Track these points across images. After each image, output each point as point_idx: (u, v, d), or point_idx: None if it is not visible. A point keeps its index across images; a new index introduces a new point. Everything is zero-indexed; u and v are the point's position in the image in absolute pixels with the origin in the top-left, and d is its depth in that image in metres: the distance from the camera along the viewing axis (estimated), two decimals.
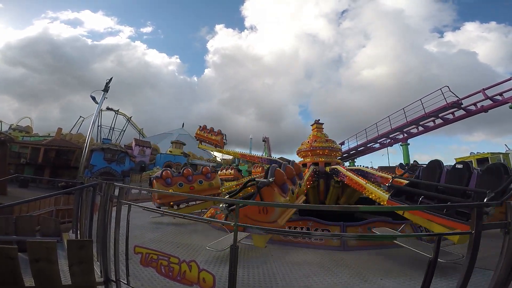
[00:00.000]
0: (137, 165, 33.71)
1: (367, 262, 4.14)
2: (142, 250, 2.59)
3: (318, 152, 9.36)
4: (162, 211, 3.88)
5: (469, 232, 2.12)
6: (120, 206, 3.06)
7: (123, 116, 45.70)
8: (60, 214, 8.24)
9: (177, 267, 2.35)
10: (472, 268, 2.03)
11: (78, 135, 36.30)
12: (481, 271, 3.12)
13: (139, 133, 46.90)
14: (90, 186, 4.21)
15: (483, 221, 2.08)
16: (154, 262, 2.47)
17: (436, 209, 3.95)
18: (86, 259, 2.33)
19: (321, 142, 9.50)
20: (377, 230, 5.31)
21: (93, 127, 21.85)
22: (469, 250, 2.06)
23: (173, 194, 6.91)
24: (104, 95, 20.03)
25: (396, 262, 4.08)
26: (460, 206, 3.59)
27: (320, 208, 3.17)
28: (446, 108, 15.72)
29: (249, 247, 4.80)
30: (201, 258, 4.18)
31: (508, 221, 2.03)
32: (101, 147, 31.07)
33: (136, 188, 12.54)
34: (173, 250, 4.54)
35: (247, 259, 4.22)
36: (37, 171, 29.14)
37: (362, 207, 5.47)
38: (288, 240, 5.41)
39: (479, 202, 3.13)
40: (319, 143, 9.46)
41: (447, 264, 3.61)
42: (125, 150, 33.30)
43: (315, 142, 9.56)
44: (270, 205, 3.86)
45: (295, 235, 5.41)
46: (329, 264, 4.05)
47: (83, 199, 4.88)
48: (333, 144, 9.74)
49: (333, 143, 9.80)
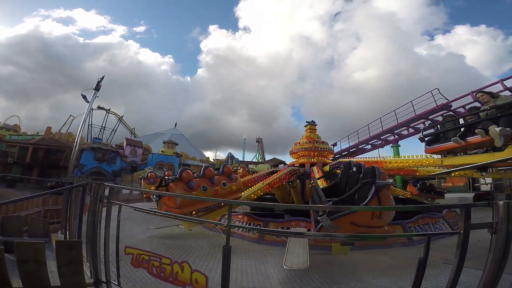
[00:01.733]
0: (128, 165, 33.17)
1: (359, 261, 4.19)
2: (133, 251, 2.54)
3: (311, 153, 9.45)
4: (153, 211, 3.82)
5: (457, 232, 2.17)
6: (110, 207, 3.01)
7: (114, 115, 44.96)
8: (49, 215, 8.03)
9: (169, 268, 2.32)
10: (461, 267, 2.07)
11: (68, 134, 35.48)
12: (470, 271, 3.19)
13: (131, 132, 46.17)
14: (80, 186, 4.13)
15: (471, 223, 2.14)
16: (145, 263, 2.43)
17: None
18: (76, 260, 2.28)
19: (314, 143, 9.60)
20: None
21: (84, 126, 21.43)
22: (457, 249, 2.11)
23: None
24: (95, 94, 19.68)
25: (387, 262, 4.14)
26: (448, 207, 3.67)
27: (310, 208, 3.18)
28: (436, 110, 16.05)
29: (243, 247, 4.79)
30: (193, 259, 4.15)
31: (495, 221, 2.08)
32: (91, 146, 30.46)
33: (128, 188, 12.33)
34: (164, 251, 4.50)
35: (240, 260, 4.21)
36: (25, 170, 28.36)
37: (354, 207, 5.52)
38: (281, 240, 5.42)
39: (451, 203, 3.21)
40: (312, 144, 9.55)
41: (438, 263, 3.68)
42: (116, 149, 32.72)
43: (308, 143, 9.65)
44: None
45: (288, 236, 5.43)
46: (322, 264, 4.08)
47: (72, 199, 4.77)
48: (325, 145, 9.85)
49: (325, 144, 9.91)
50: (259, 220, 6.48)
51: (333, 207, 3.57)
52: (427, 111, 16.40)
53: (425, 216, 6.54)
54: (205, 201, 5.62)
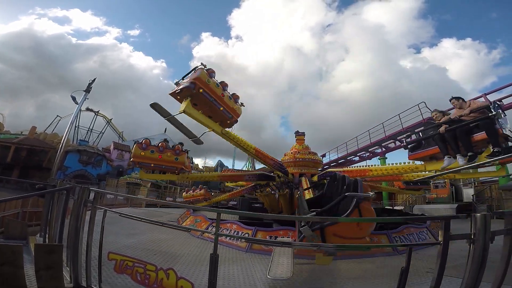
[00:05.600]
0: (115, 169, 32.37)
1: (345, 271, 4.22)
2: (116, 257, 2.49)
3: (300, 163, 9.55)
4: (139, 218, 3.76)
5: (438, 242, 2.25)
6: (95, 211, 2.95)
7: (103, 117, 44.00)
8: (27, 217, 7.70)
9: (153, 275, 2.28)
10: (442, 275, 2.14)
11: (53, 135, 34.35)
12: (452, 279, 3.26)
13: (119, 136, 45.18)
14: (64, 190, 4.01)
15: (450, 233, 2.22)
16: (129, 269, 2.38)
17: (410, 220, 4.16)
18: (55, 264, 2.21)
19: (303, 154, 9.70)
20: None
21: (71, 128, 20.85)
22: (438, 259, 2.19)
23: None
24: (85, 96, 19.24)
25: (372, 271, 4.19)
26: (430, 218, 3.79)
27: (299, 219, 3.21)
28: (422, 124, 16.58)
29: (230, 256, 4.74)
30: (179, 266, 4.06)
31: (473, 232, 2.17)
32: (77, 148, 29.64)
33: (114, 194, 12.01)
34: (149, 257, 4.38)
35: (227, 268, 4.16)
36: (4, 170, 27.16)
37: (341, 219, 5.60)
38: (269, 249, 5.39)
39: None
40: (302, 155, 9.65)
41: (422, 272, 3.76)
42: (102, 153, 31.95)
43: (298, 154, 9.75)
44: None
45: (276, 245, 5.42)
46: (309, 273, 4.09)
47: (54, 202, 4.62)
48: (314, 156, 9.99)
49: (315, 155, 10.04)
50: (247, 229, 6.43)
51: (315, 218, 3.68)
52: (413, 125, 16.89)
53: (410, 226, 6.69)
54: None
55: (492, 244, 2.10)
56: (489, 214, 2.17)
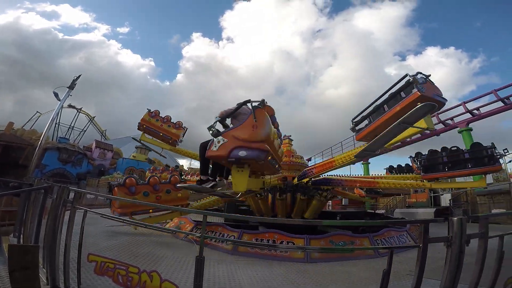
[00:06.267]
0: (96, 169, 31.21)
1: (329, 274, 4.28)
2: (97, 259, 2.41)
3: (287, 167, 9.62)
4: (122, 219, 3.66)
5: (417, 245, 2.33)
6: (74, 212, 2.85)
7: (85, 115, 42.49)
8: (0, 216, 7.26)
9: (136, 277, 2.22)
10: (421, 277, 2.22)
11: (32, 132, 32.66)
12: (431, 281, 3.37)
13: (102, 134, 43.70)
14: (42, 189, 3.84)
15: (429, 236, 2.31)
16: (110, 271, 2.30)
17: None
18: (31, 265, 2.11)
19: (287, 158, 9.77)
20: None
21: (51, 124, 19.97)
22: (417, 261, 2.26)
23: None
24: (68, 92, 18.53)
25: (354, 274, 4.27)
26: (410, 222, 3.93)
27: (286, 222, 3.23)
28: None
29: (216, 258, 4.69)
30: (162, 268, 3.97)
31: (450, 236, 2.27)
32: (56, 146, 28.35)
33: (95, 194, 11.62)
34: (131, 259, 4.26)
35: (212, 270, 4.11)
36: None
37: (325, 222, 5.70)
38: (255, 252, 5.39)
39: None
40: (288, 159, 9.73)
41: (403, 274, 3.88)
42: (83, 151, 30.74)
43: (284, 157, 9.82)
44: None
45: (262, 247, 5.43)
46: (294, 276, 4.11)
47: (30, 202, 4.40)
48: (301, 160, 10.12)
49: (300, 159, 10.18)
50: (233, 231, 6.39)
51: (300, 221, 3.69)
52: None
53: (391, 230, 6.89)
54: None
55: (468, 246, 2.19)
56: (465, 218, 2.27)
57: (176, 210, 7.72)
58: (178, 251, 5.15)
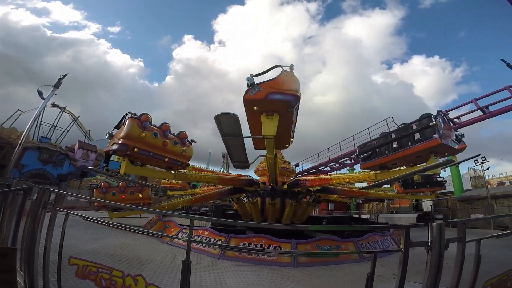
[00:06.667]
0: (78, 170, 30.14)
1: (316, 278, 4.32)
2: (78, 262, 2.33)
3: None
4: (105, 222, 3.56)
5: (399, 249, 2.41)
6: (55, 214, 2.75)
7: (69, 114, 41.10)
8: None
9: (120, 281, 2.16)
10: (404, 280, 2.28)
11: (11, 130, 31.16)
12: (413, 285, 3.46)
13: (86, 135, 42.37)
14: (21, 190, 3.68)
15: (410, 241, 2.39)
16: (92, 275, 2.23)
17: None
18: (9, 268, 2.02)
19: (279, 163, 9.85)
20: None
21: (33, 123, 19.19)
22: (400, 265, 2.33)
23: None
24: (53, 91, 17.91)
25: (340, 278, 4.33)
26: (393, 227, 4.05)
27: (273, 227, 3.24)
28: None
29: (203, 262, 4.63)
30: (147, 272, 3.88)
31: (430, 240, 2.35)
32: (37, 145, 27.23)
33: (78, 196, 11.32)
34: (114, 263, 4.14)
35: (199, 275, 4.05)
36: None
37: (311, 227, 5.76)
38: (242, 256, 5.36)
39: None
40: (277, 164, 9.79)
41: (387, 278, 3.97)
42: (65, 151, 29.67)
43: None
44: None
45: (249, 252, 5.41)
46: (281, 280, 4.12)
47: (7, 203, 4.20)
48: (289, 165, 10.21)
49: (288, 164, 10.27)
50: (220, 236, 6.33)
51: (285, 226, 3.75)
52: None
53: (375, 234, 7.05)
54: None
55: (448, 251, 2.28)
56: (444, 224, 2.37)
57: (144, 211, 7.87)
58: (162, 255, 5.05)
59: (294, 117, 4.60)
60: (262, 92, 3.97)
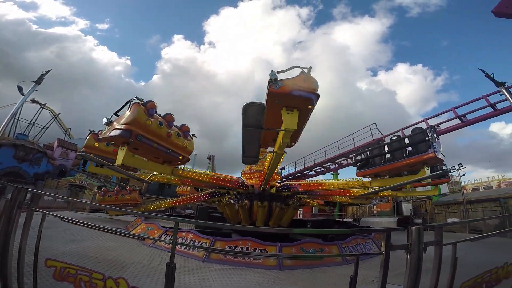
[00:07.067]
0: (56, 169, 28.84)
1: (301, 281, 4.36)
2: (56, 264, 2.24)
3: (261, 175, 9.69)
4: (86, 224, 3.42)
5: (381, 252, 2.48)
6: (31, 214, 2.63)
7: (49, 111, 39.38)
8: None
9: (101, 283, 2.09)
10: (385, 282, 2.35)
11: None
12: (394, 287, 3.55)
13: (66, 133, 40.67)
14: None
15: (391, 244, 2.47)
16: (71, 277, 2.15)
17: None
18: None
19: (261, 166, 9.86)
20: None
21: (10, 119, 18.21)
22: (381, 267, 2.40)
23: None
24: (34, 87, 17.11)
25: (324, 280, 4.40)
26: (374, 230, 4.20)
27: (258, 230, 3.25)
28: (371, 144, 18.16)
29: (187, 265, 4.55)
30: (128, 275, 3.76)
31: (409, 243, 2.44)
32: (12, 142, 25.84)
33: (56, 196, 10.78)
34: (93, 265, 3.98)
35: (183, 278, 3.97)
36: None
37: (296, 230, 5.82)
38: (228, 259, 5.32)
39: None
40: (259, 167, 9.81)
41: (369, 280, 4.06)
42: (43, 149, 28.34)
43: (259, 166, 9.89)
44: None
45: (235, 255, 5.38)
46: (267, 283, 4.12)
47: None
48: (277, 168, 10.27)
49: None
50: (205, 238, 6.25)
51: (272, 229, 3.81)
52: (364, 144, 18.35)
53: (357, 238, 7.21)
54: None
55: (427, 253, 2.37)
56: (422, 227, 2.46)
57: (140, 215, 7.59)
58: (144, 258, 4.92)
59: (309, 117, 4.82)
60: (286, 88, 4.20)
